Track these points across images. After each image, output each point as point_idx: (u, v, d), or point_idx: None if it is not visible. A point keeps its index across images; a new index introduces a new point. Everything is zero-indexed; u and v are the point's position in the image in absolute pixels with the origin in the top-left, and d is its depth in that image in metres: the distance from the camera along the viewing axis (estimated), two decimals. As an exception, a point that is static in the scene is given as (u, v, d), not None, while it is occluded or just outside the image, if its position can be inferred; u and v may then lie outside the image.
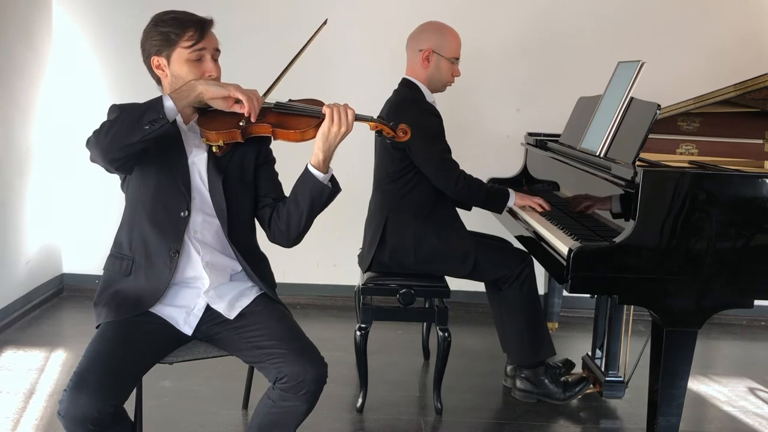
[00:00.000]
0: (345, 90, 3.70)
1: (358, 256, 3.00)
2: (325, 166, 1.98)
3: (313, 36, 2.05)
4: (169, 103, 1.83)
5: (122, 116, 1.85)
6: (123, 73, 3.90)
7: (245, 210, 2.09)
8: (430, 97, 2.89)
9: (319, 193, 1.99)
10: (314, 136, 1.99)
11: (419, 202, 2.84)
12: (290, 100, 2.07)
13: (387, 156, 2.85)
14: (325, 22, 2.07)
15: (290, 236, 2.06)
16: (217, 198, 2.02)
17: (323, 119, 1.98)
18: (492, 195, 2.87)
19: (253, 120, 1.91)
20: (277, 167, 2.18)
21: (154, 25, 1.99)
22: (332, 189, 2.01)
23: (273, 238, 2.11)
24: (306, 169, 2.00)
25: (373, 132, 2.14)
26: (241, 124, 1.94)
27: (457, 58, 2.91)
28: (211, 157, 2.02)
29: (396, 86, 2.97)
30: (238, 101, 1.92)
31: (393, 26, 3.95)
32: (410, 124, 2.66)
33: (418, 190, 2.83)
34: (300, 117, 2.02)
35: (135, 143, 1.81)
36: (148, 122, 1.80)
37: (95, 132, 1.85)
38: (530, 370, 2.90)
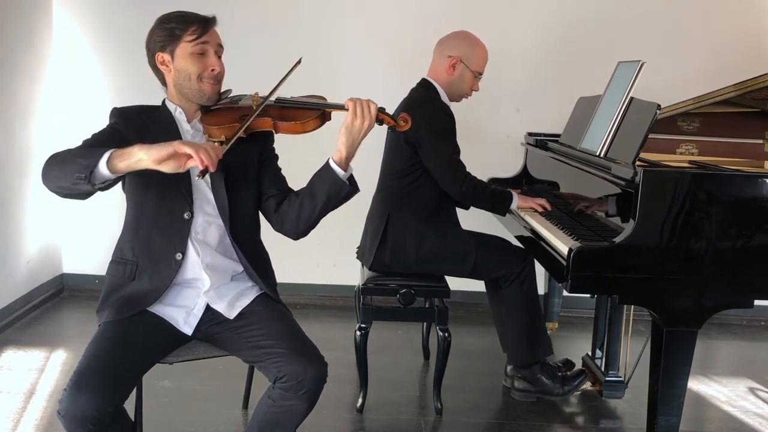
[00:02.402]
0: (346, 88, 3.70)
1: (358, 249, 3.00)
2: (346, 163, 1.98)
3: (288, 74, 2.06)
4: (103, 161, 1.70)
5: (65, 157, 1.77)
6: (123, 73, 3.91)
7: (248, 206, 2.09)
8: (445, 99, 2.90)
9: (338, 190, 1.98)
10: (315, 127, 2.00)
11: (423, 202, 2.84)
12: (292, 97, 2.08)
13: (397, 152, 2.86)
14: (299, 61, 2.08)
15: (299, 228, 2.06)
16: (220, 194, 2.02)
17: (323, 111, 2.00)
18: (496, 198, 2.88)
19: (212, 170, 1.74)
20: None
21: (159, 23, 2.02)
22: (350, 188, 2.00)
23: (280, 227, 2.10)
24: (327, 163, 1.99)
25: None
26: (197, 177, 1.76)
27: (481, 74, 2.93)
28: None
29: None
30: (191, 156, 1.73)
31: (394, 26, 3.97)
32: (423, 122, 2.67)
33: (423, 190, 2.84)
34: (301, 110, 2.03)
35: (66, 188, 1.75)
36: (76, 177, 1.71)
37: (46, 161, 1.79)
38: (527, 369, 2.90)
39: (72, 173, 1.72)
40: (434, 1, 3.94)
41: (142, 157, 1.70)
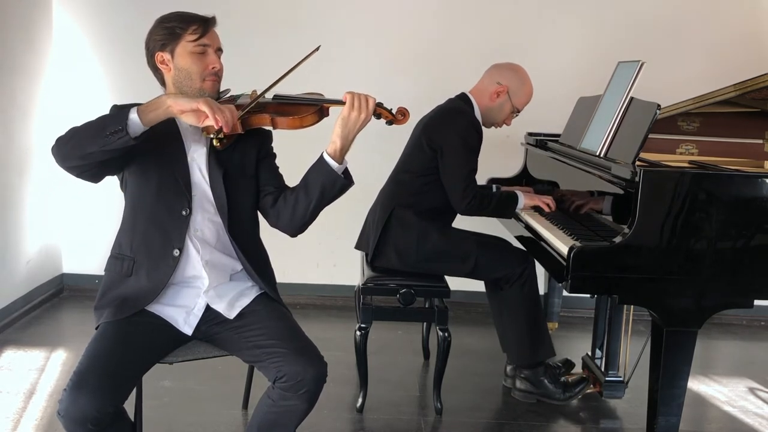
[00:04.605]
0: (345, 88, 3.70)
1: (358, 238, 3.01)
2: (341, 155, 1.98)
3: (302, 60, 2.06)
4: (133, 116, 1.78)
5: (87, 124, 1.82)
6: (123, 73, 3.91)
7: (247, 204, 2.09)
8: (479, 116, 2.92)
9: (332, 183, 1.99)
10: (313, 122, 2.01)
11: (428, 205, 2.85)
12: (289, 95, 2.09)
13: (417, 152, 2.87)
14: (317, 48, 2.09)
15: (294, 224, 2.06)
16: (218, 191, 2.02)
17: (321, 106, 2.01)
18: (500, 205, 2.88)
19: (226, 131, 1.87)
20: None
21: (159, 23, 2.03)
22: (345, 181, 2.01)
23: (276, 224, 2.10)
24: (321, 156, 2.00)
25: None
26: (210, 137, 1.90)
27: (519, 111, 2.97)
28: (212, 152, 2.03)
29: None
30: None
31: (394, 25, 3.97)
32: (454, 131, 2.74)
33: (432, 194, 2.85)
34: (299, 105, 2.04)
35: (95, 152, 1.78)
36: (109, 132, 1.76)
37: (59, 138, 1.83)
38: (530, 371, 2.90)
39: (101, 133, 1.77)
40: (434, 2, 3.94)
41: (170, 104, 1.82)
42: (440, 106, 2.94)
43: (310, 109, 2.01)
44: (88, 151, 1.79)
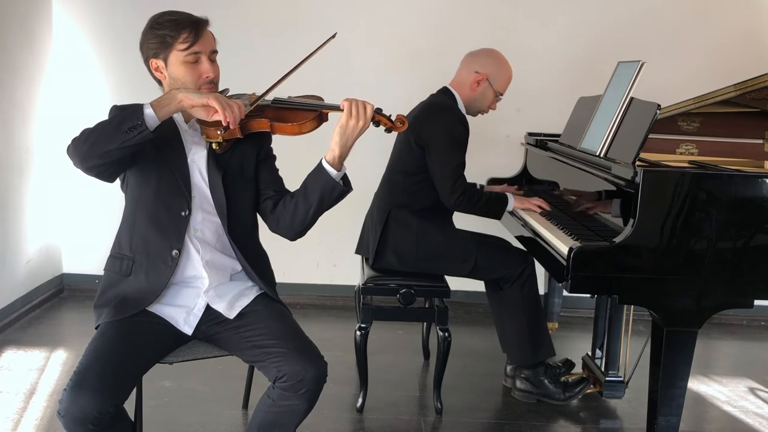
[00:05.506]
0: (344, 90, 3.70)
1: (358, 243, 3.01)
2: (339, 162, 1.98)
3: (319, 47, 2.06)
4: (148, 111, 1.80)
5: (102, 123, 1.83)
6: (123, 73, 3.90)
7: (246, 206, 2.09)
8: (463, 110, 2.93)
9: (330, 190, 1.99)
10: (312, 129, 2.00)
11: (424, 203, 2.85)
12: (289, 97, 2.09)
13: (407, 151, 2.87)
14: (333, 36, 2.08)
15: (294, 229, 2.06)
16: (217, 194, 2.02)
17: (320, 112, 2.01)
18: (490, 204, 2.88)
19: (232, 127, 1.88)
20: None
21: (150, 28, 1.99)
22: (343, 188, 2.01)
23: (275, 228, 2.10)
24: (320, 163, 1.99)
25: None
26: (218, 132, 1.93)
27: (502, 95, 2.96)
28: (211, 154, 2.03)
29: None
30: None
31: (393, 25, 3.97)
32: (440, 127, 2.73)
33: (426, 192, 2.85)
34: (298, 111, 2.03)
35: (113, 150, 1.80)
36: (127, 129, 1.78)
37: (74, 139, 1.83)
38: (530, 371, 2.90)
39: (119, 130, 1.78)
40: (433, 3, 3.94)
41: (181, 99, 1.84)
42: (423, 103, 2.94)
43: (309, 115, 2.00)
44: (107, 149, 1.80)
